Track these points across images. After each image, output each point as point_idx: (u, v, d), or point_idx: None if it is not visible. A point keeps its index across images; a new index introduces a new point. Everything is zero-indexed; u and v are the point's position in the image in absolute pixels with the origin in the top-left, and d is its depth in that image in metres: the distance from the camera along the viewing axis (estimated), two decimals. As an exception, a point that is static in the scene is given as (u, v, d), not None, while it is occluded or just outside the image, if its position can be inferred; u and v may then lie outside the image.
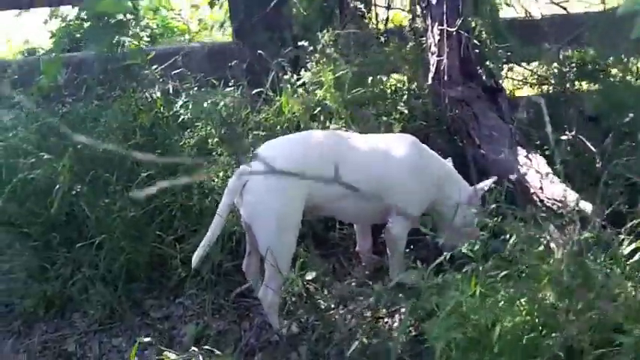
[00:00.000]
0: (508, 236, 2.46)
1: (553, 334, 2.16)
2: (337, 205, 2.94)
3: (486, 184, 2.99)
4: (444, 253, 2.47)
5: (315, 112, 3.57)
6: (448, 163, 3.17)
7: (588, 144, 3.18)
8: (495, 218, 2.59)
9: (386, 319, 2.97)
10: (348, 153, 2.89)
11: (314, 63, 3.60)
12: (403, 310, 2.87)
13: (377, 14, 4.40)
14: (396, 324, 2.91)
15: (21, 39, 6.28)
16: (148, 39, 5.31)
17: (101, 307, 3.18)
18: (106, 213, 3.24)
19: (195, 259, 2.80)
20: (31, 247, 3.27)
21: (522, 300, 2.32)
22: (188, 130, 3.59)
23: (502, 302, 2.25)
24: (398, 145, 2.98)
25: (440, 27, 3.68)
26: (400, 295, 2.82)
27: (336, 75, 3.53)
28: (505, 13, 4.44)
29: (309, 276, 3.16)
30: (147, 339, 2.95)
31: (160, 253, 3.29)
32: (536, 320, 2.26)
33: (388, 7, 4.38)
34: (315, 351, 2.84)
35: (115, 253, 3.22)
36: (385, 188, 2.90)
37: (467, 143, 3.59)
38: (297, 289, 3.06)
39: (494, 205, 2.92)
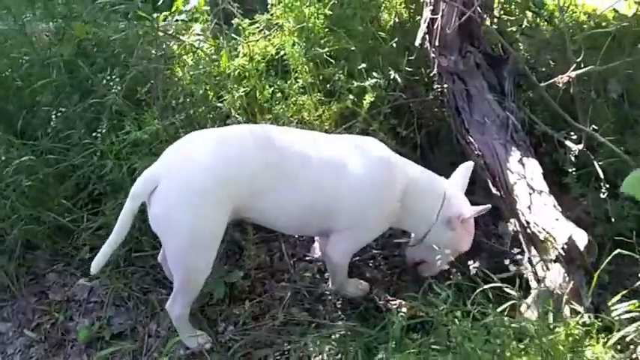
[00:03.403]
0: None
1: None
2: (274, 219, 2.54)
3: (475, 210, 2.51)
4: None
5: (272, 65, 2.99)
6: (456, 177, 2.66)
7: (596, 165, 2.62)
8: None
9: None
10: (294, 160, 2.41)
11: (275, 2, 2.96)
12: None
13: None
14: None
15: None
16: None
17: (-7, 279, 2.85)
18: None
19: (94, 264, 2.43)
20: None
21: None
22: (116, 70, 3.02)
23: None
24: (359, 157, 2.46)
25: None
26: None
27: (302, 22, 2.90)
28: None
29: (235, 278, 2.78)
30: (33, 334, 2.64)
31: (64, 224, 2.93)
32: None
33: None
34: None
35: (11, 220, 2.83)
36: (334, 209, 2.46)
37: (454, 123, 3.03)
38: (219, 295, 2.70)
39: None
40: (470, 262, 2.27)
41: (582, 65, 2.44)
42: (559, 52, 3.33)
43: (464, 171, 2.67)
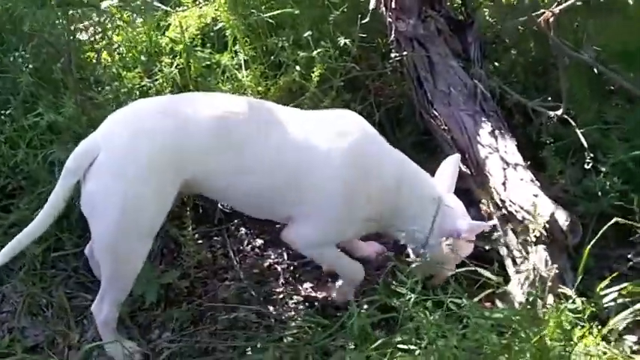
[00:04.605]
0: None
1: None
2: (230, 197, 2.30)
3: (474, 227, 2.19)
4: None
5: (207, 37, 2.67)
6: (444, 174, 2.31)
7: (579, 133, 2.34)
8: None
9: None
10: (255, 133, 2.13)
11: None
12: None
13: None
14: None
15: None
16: None
17: None
18: None
19: (3, 253, 2.07)
20: None
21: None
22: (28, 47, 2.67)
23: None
24: (329, 133, 2.17)
25: None
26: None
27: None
28: None
29: (170, 278, 2.43)
30: None
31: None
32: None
33: None
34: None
35: None
36: (295, 194, 2.16)
37: (416, 96, 2.73)
38: (151, 298, 2.35)
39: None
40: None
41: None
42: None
43: (451, 167, 2.31)
